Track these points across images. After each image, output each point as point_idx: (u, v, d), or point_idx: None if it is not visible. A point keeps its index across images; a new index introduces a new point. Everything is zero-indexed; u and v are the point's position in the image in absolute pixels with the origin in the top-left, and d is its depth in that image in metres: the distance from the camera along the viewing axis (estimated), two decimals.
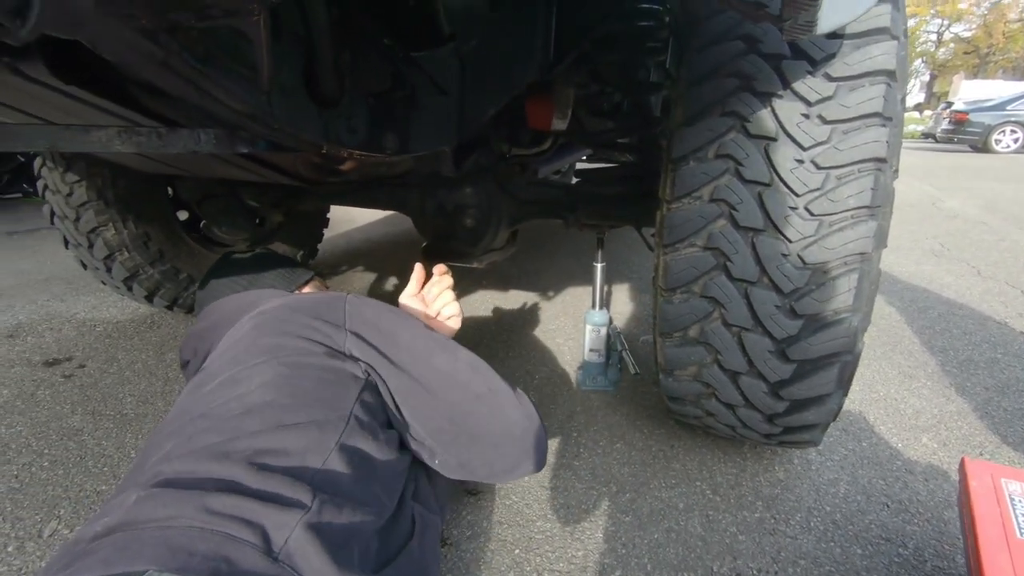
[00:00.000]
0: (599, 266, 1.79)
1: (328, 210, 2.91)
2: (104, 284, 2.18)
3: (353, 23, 0.75)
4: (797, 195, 0.93)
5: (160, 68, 0.59)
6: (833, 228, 0.92)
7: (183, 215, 2.35)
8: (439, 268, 1.19)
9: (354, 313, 1.01)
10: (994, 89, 19.70)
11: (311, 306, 1.01)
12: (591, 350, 1.81)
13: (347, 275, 3.08)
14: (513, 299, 2.68)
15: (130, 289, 2.12)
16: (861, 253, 0.92)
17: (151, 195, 2.04)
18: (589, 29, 1.34)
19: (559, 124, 1.63)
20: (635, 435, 1.56)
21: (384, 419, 0.98)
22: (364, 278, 3.02)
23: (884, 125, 0.90)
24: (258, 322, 0.99)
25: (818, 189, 0.92)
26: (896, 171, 0.96)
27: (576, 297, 2.69)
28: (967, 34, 38.79)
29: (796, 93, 0.94)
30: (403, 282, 2.95)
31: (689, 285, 1.04)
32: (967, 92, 20.98)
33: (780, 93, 0.95)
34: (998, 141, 12.91)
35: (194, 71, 0.59)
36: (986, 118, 13.14)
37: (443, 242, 1.80)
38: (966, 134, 13.45)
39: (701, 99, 1.01)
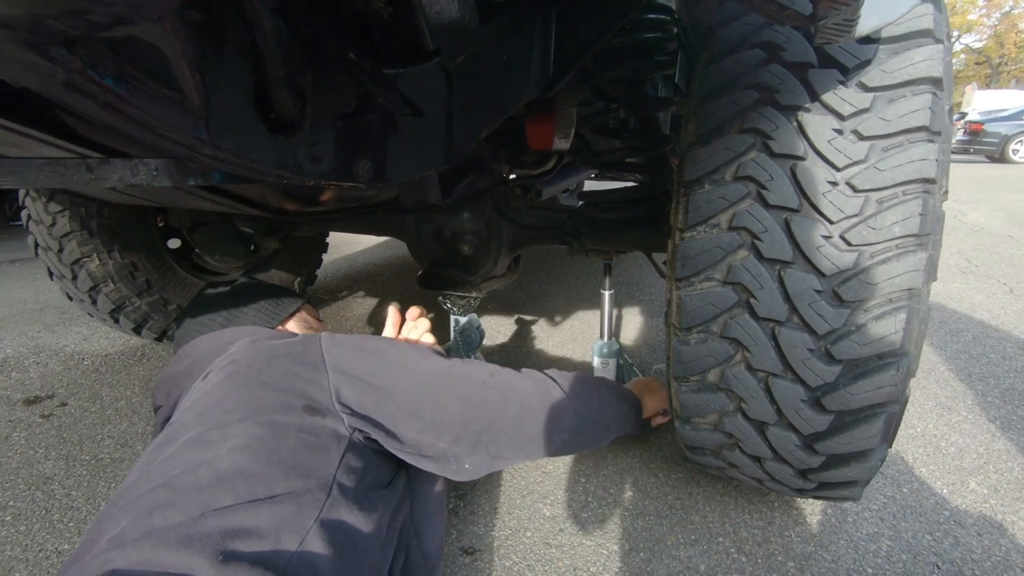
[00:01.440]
0: (607, 293, 1.67)
1: (327, 235, 2.82)
2: (91, 316, 2.10)
3: (313, 36, 0.66)
4: (831, 222, 0.80)
5: (66, 89, 0.49)
6: (875, 260, 0.79)
7: (176, 243, 2.27)
8: (413, 312, 1.14)
9: (332, 348, 0.93)
10: (1008, 99, 19.43)
11: (286, 351, 0.92)
12: None
13: (347, 300, 2.98)
14: (518, 325, 2.56)
15: (116, 321, 2.03)
16: (909, 289, 0.79)
17: (138, 224, 1.96)
18: (591, 43, 1.24)
19: (561, 144, 1.53)
20: (649, 480, 1.42)
21: (373, 480, 0.88)
22: (365, 304, 2.92)
23: (931, 141, 0.78)
24: (231, 371, 0.90)
25: (856, 215, 0.79)
26: (946, 192, 0.84)
27: (585, 322, 2.56)
28: (978, 45, 38.58)
29: (827, 106, 0.82)
30: (405, 307, 2.84)
31: (707, 324, 0.92)
32: (981, 102, 20.72)
33: (808, 106, 0.83)
34: (1016, 151, 12.65)
35: (105, 91, 0.49)
36: (1002, 128, 12.91)
37: (440, 270, 1.69)
38: (982, 144, 13.21)
39: (716, 115, 0.90)
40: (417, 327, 1.21)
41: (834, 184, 0.80)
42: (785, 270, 0.84)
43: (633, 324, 2.54)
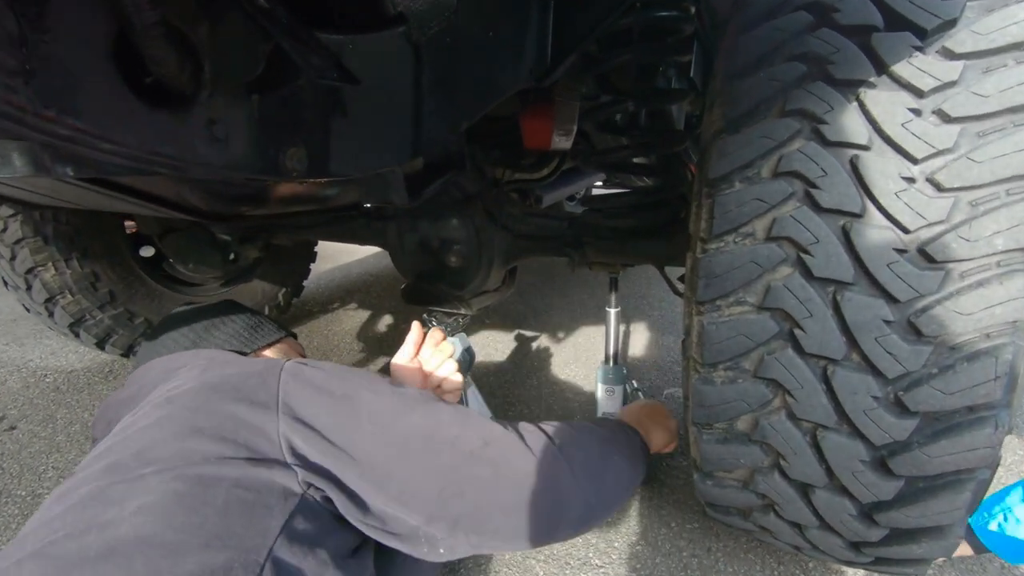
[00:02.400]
0: (613, 312, 1.47)
1: (315, 243, 2.65)
2: (52, 329, 1.93)
3: None
4: (907, 232, 0.61)
5: None
6: (968, 282, 0.60)
7: (150, 251, 2.10)
8: (436, 334, 0.98)
9: (291, 384, 0.74)
10: None
11: (237, 382, 0.74)
12: (604, 414, 1.48)
13: (338, 313, 2.81)
14: (517, 341, 2.37)
15: (77, 335, 1.87)
16: (1014, 321, 0.59)
17: (101, 230, 1.80)
18: (596, 23, 1.06)
19: (561, 142, 1.34)
20: (660, 531, 1.22)
21: (331, 549, 0.70)
22: (356, 317, 2.74)
23: None
24: (161, 414, 0.71)
25: (942, 222, 0.60)
26: None
27: (590, 340, 2.36)
28: None
29: (899, 79, 0.63)
30: (400, 322, 2.66)
31: (737, 360, 0.72)
32: None
33: (873, 80, 0.64)
34: None
35: None
36: None
37: (425, 283, 1.51)
38: None
39: (750, 94, 0.71)
40: (441, 351, 1.06)
41: (910, 181, 0.61)
42: (842, 293, 0.64)
43: (641, 342, 2.34)
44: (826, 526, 0.78)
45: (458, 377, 1.07)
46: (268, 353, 1.02)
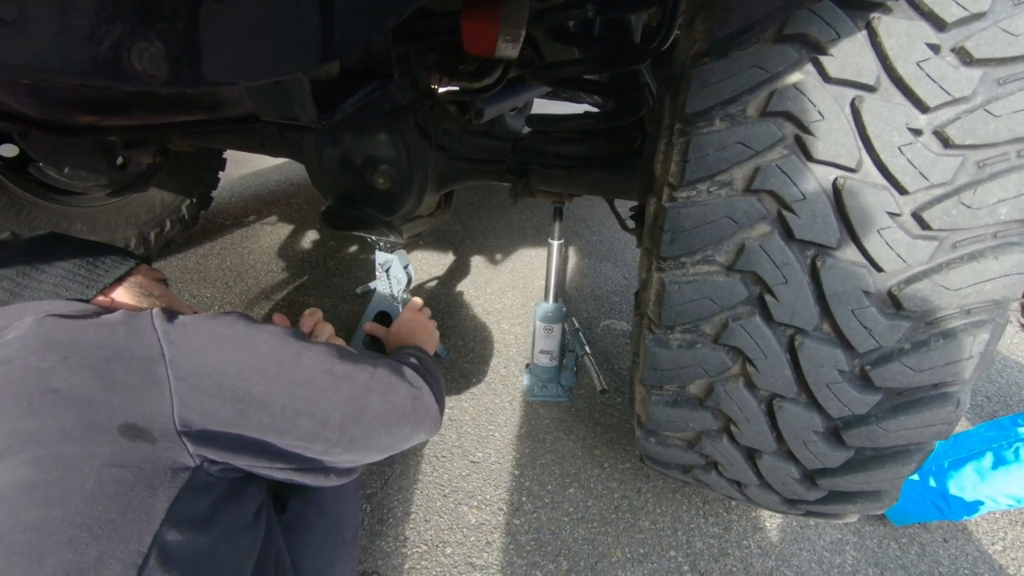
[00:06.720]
0: (556, 244, 1.38)
1: (222, 149, 2.33)
2: None
3: None
4: (904, 192, 0.53)
5: None
6: (961, 253, 0.53)
7: (12, 150, 1.76)
8: (306, 323, 0.95)
9: (174, 335, 0.61)
10: None
11: (97, 336, 0.59)
12: (541, 352, 1.42)
13: (254, 228, 2.55)
14: (453, 266, 2.25)
15: None
16: (998, 300, 0.54)
17: None
18: None
19: (507, 50, 1.16)
20: (593, 472, 1.21)
21: (231, 520, 0.61)
22: (276, 232, 2.51)
23: None
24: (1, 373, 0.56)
25: (943, 184, 0.52)
26: None
27: (529, 266, 2.28)
28: None
29: (918, 5, 0.52)
30: (325, 238, 2.46)
31: (698, 323, 0.65)
32: None
33: (888, 3, 0.53)
34: None
35: None
36: None
37: (349, 207, 1.34)
38: None
39: (742, 10, 0.58)
40: (312, 315, 0.96)
41: (917, 133, 0.52)
42: (823, 259, 0.57)
43: (579, 269, 2.28)
44: (766, 485, 0.77)
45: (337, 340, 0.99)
46: (120, 292, 0.80)
